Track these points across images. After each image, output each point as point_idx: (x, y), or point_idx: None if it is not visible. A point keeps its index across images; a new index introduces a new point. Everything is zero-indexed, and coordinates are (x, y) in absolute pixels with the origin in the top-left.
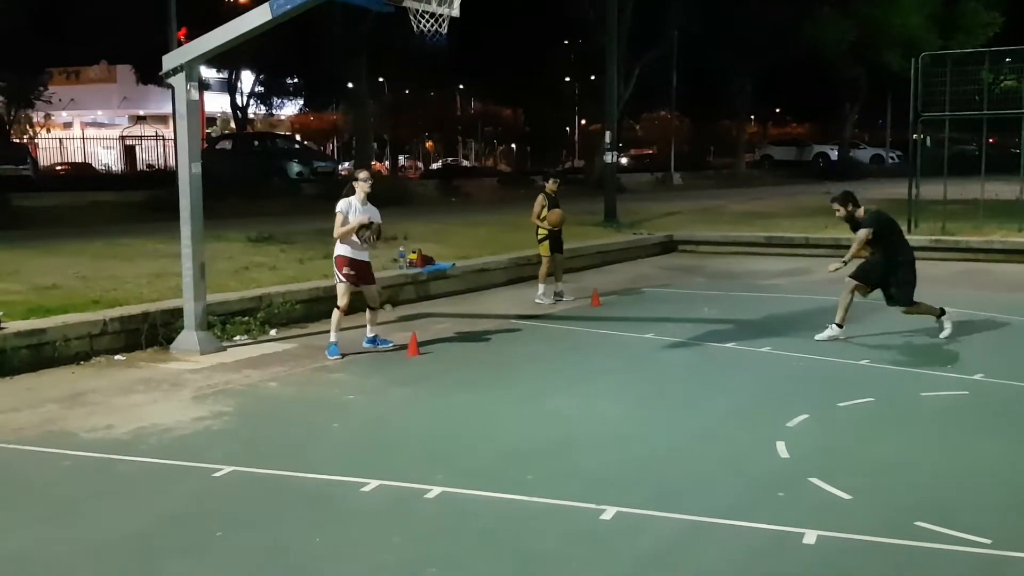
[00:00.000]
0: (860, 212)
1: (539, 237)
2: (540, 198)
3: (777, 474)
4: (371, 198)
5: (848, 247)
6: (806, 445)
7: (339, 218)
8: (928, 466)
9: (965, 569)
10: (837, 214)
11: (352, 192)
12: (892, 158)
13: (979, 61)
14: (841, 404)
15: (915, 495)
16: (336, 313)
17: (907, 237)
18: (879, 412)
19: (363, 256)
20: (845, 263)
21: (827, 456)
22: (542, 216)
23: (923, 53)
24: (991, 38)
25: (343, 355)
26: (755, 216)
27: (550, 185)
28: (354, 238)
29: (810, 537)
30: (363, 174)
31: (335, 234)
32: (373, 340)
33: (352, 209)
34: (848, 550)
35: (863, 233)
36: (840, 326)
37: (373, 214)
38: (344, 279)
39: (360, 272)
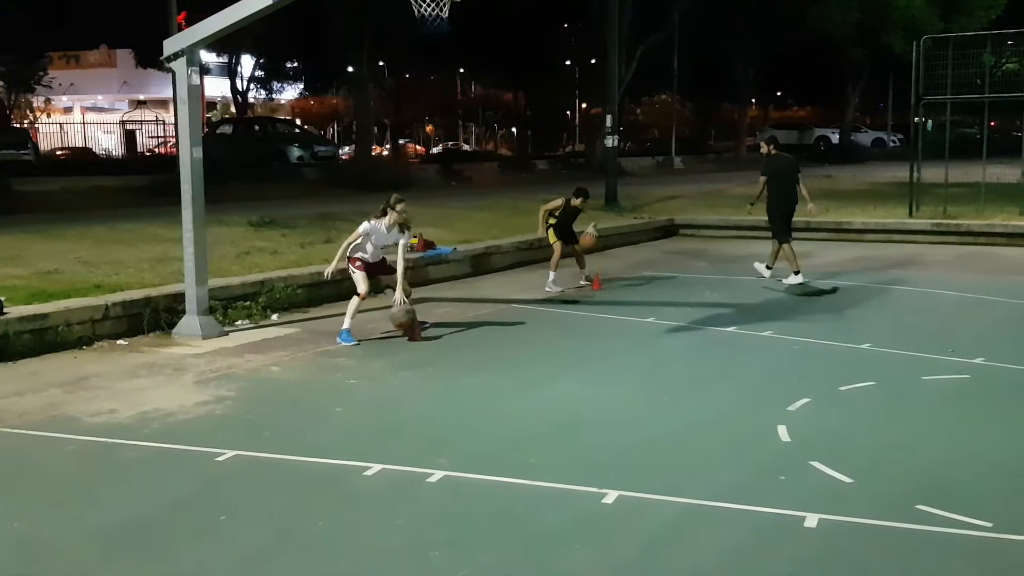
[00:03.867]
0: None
1: (546, 225)
2: (560, 200)
3: (778, 458)
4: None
5: (848, 231)
6: (807, 429)
7: (355, 236)
8: (929, 450)
9: (966, 552)
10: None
11: (383, 215)
12: (894, 141)
13: (981, 44)
14: (842, 388)
15: (916, 479)
16: (355, 300)
17: (907, 219)
18: (880, 396)
19: (377, 258)
20: (751, 204)
21: (828, 440)
22: (556, 213)
23: (925, 36)
24: (993, 21)
25: (358, 341)
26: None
27: (576, 200)
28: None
29: (811, 520)
30: (400, 205)
31: (340, 251)
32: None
33: (375, 232)
34: (849, 533)
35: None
36: (769, 268)
37: (396, 238)
38: (358, 270)
39: (373, 267)
